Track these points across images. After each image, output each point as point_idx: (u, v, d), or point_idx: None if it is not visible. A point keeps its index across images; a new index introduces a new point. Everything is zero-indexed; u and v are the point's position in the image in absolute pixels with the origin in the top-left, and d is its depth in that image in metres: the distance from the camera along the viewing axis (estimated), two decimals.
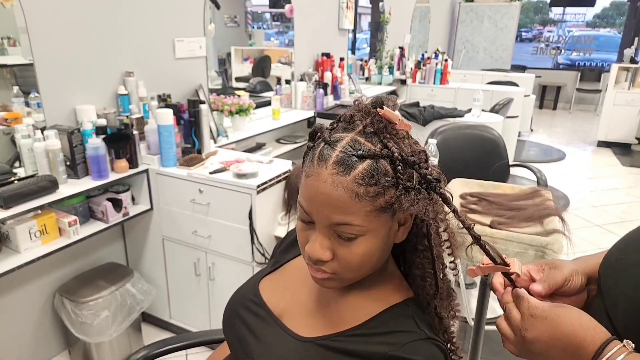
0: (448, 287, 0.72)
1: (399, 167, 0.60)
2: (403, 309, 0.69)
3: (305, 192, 0.63)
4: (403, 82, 5.18)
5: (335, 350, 0.66)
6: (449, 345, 0.73)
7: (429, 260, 0.69)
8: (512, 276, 0.65)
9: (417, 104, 3.68)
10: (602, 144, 6.15)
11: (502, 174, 2.53)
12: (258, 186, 1.75)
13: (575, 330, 0.55)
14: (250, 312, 0.78)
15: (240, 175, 1.79)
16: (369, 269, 0.67)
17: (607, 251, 0.67)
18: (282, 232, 1.90)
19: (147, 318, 2.27)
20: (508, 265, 0.64)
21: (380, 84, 5.04)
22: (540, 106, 8.98)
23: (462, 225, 0.62)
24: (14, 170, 1.67)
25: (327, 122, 0.68)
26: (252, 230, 1.79)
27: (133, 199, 1.99)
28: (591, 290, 0.69)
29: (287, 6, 3.21)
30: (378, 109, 0.63)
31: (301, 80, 3.40)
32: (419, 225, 0.68)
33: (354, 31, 4.80)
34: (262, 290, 0.81)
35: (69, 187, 1.68)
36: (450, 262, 0.72)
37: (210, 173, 1.85)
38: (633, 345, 0.53)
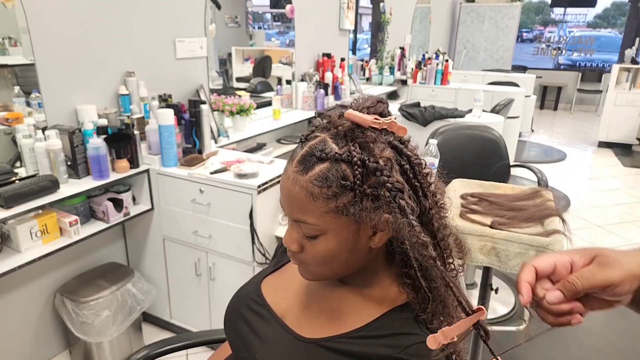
0: (442, 297, 0.66)
1: (357, 172, 0.59)
2: (406, 311, 0.68)
3: (280, 186, 0.67)
4: (404, 82, 5.18)
5: (338, 351, 0.66)
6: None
7: (412, 270, 0.65)
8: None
9: (417, 105, 3.67)
10: (603, 144, 6.14)
11: (502, 175, 2.52)
12: (259, 186, 1.75)
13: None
14: (253, 311, 0.78)
15: (241, 176, 1.79)
16: (342, 267, 0.67)
17: None
18: (282, 232, 1.90)
19: (147, 318, 2.27)
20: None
21: (381, 84, 5.04)
22: (541, 107, 8.97)
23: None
24: (15, 170, 1.67)
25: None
26: (253, 230, 1.79)
27: (134, 198, 1.99)
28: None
29: (288, 6, 3.21)
30: (346, 111, 0.63)
31: (302, 80, 3.40)
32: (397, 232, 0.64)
33: (355, 31, 4.80)
34: (265, 290, 0.81)
35: (69, 187, 1.69)
36: (449, 263, 0.71)
37: (211, 173, 1.85)
38: None
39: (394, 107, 3.78)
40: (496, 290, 1.85)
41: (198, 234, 1.94)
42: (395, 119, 0.65)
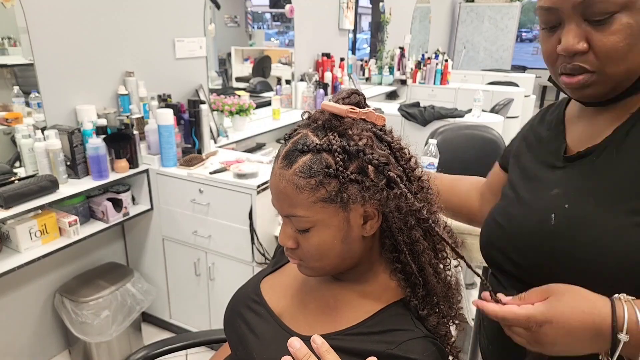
0: (433, 286, 0.69)
1: (339, 159, 0.61)
2: (400, 307, 0.69)
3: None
4: (403, 82, 5.18)
5: (333, 348, 0.66)
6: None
7: (403, 254, 0.67)
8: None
9: (417, 104, 3.68)
10: None
11: None
12: (258, 186, 1.75)
13: (584, 320, 0.55)
14: (251, 311, 0.79)
15: (240, 176, 1.79)
16: (338, 259, 0.68)
17: (483, 238, 0.74)
18: None
19: (147, 318, 2.27)
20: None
21: (380, 84, 5.04)
22: (541, 106, 8.95)
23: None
24: (15, 170, 1.68)
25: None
26: (252, 230, 1.79)
27: (133, 199, 1.99)
28: None
29: (288, 6, 3.21)
30: (322, 103, 0.65)
31: (301, 80, 3.40)
32: (387, 218, 0.66)
33: (354, 31, 4.80)
34: (264, 290, 0.81)
35: (69, 187, 1.69)
36: (444, 258, 0.71)
37: (211, 173, 1.85)
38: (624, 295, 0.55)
39: (393, 107, 3.78)
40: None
41: (197, 234, 1.94)
42: (372, 109, 0.66)
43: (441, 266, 0.71)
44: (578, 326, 0.56)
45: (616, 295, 0.56)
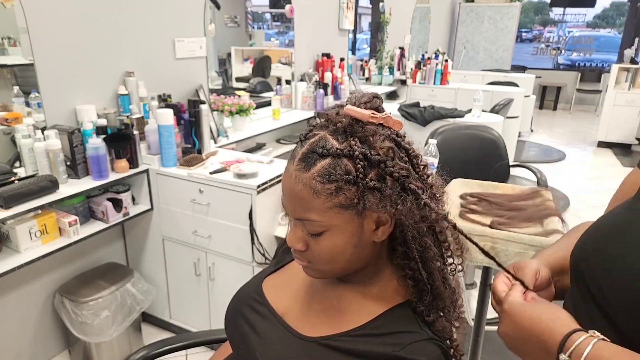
0: (440, 291, 0.69)
1: (360, 166, 0.60)
2: (405, 309, 0.69)
3: (281, 185, 0.67)
4: (403, 82, 5.18)
5: (337, 350, 0.66)
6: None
7: (414, 261, 0.67)
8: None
9: (417, 105, 3.68)
10: (603, 144, 6.15)
11: (502, 175, 2.53)
12: (258, 186, 1.75)
13: (533, 324, 0.56)
14: (254, 310, 0.78)
15: (240, 176, 1.79)
16: (347, 263, 0.67)
17: (577, 243, 0.66)
18: (282, 232, 1.90)
19: (147, 318, 2.27)
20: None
21: (380, 84, 5.04)
22: (541, 106, 8.98)
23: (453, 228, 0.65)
24: (14, 170, 1.67)
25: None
26: (252, 231, 1.79)
27: (133, 199, 1.99)
28: (557, 282, 0.70)
29: (288, 6, 3.21)
30: (344, 107, 0.64)
31: (301, 80, 3.40)
32: (399, 225, 0.66)
33: (354, 31, 4.80)
34: (266, 290, 0.81)
35: (69, 187, 1.69)
36: (450, 264, 0.71)
37: (211, 173, 1.85)
38: (600, 334, 0.51)
39: (393, 107, 3.78)
40: None
41: (197, 234, 1.94)
42: (390, 114, 0.66)
43: (446, 271, 0.72)
44: (526, 328, 0.57)
45: (592, 331, 0.52)
